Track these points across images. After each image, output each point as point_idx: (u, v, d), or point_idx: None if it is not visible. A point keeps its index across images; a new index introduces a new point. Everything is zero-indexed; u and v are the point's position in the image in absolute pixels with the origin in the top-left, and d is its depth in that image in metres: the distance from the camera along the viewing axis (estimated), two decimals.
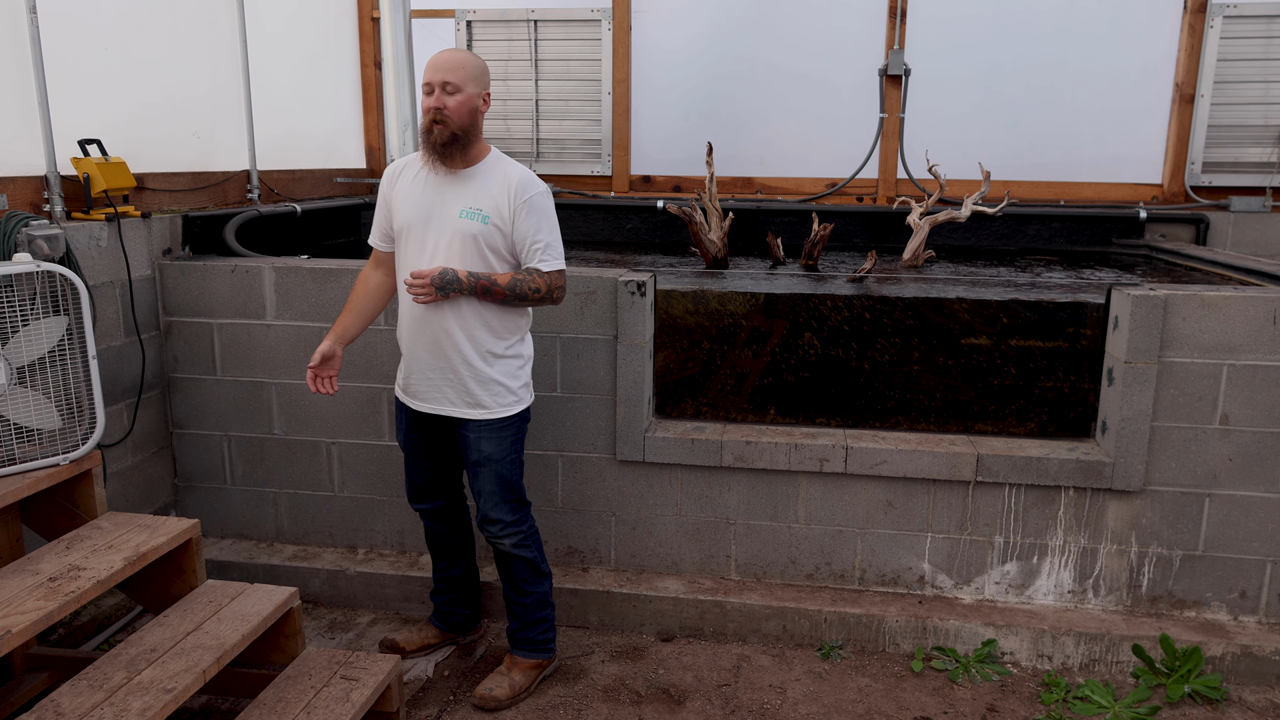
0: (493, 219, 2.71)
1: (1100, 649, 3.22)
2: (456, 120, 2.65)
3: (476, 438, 2.86)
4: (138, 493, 3.60)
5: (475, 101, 2.69)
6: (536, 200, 2.73)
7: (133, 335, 3.50)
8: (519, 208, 2.71)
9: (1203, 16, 5.04)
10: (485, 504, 2.92)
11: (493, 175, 2.74)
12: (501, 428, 2.86)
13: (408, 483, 3.12)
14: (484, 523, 2.94)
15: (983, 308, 3.43)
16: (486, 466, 2.87)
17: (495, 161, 2.78)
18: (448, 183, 2.74)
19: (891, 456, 3.33)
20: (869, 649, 3.34)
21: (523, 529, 2.96)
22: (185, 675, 2.35)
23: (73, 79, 3.45)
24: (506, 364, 2.84)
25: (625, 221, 5.56)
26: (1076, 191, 5.35)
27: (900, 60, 5.29)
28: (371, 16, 5.73)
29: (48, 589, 2.39)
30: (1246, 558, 3.26)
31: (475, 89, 2.69)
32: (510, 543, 2.95)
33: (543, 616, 3.06)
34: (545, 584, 3.05)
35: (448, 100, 2.64)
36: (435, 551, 3.22)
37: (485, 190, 2.73)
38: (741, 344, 3.56)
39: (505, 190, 2.72)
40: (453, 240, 2.72)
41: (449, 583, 3.26)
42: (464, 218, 2.71)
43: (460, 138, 2.67)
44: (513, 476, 2.92)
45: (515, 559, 2.97)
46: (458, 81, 2.64)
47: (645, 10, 5.54)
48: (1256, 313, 3.11)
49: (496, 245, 2.74)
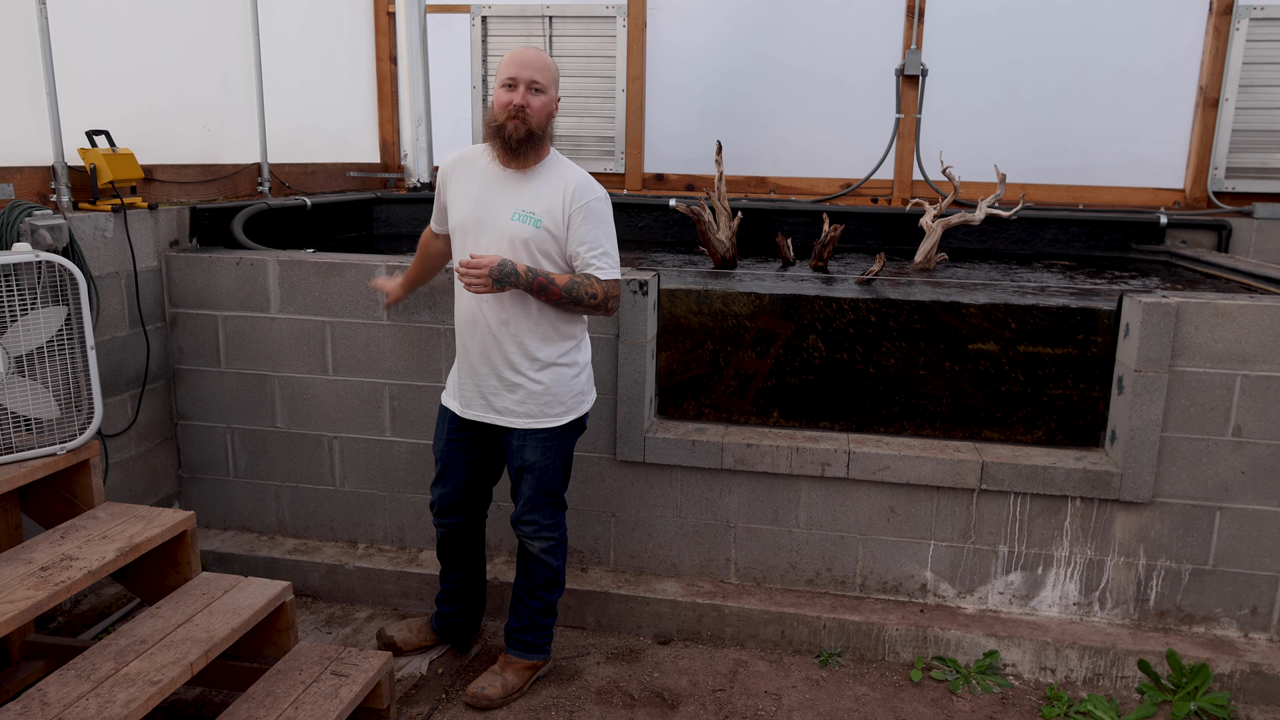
0: (545, 223, 2.65)
1: (1105, 663, 3.16)
2: (536, 120, 2.61)
3: (520, 445, 2.82)
4: (141, 483, 3.61)
5: (554, 105, 2.68)
6: (594, 206, 2.67)
7: (138, 326, 3.52)
8: (575, 212, 2.65)
9: (1228, 19, 4.94)
10: (523, 505, 2.89)
11: (550, 178, 2.68)
12: (547, 437, 2.81)
13: (438, 493, 3.01)
14: (519, 521, 2.91)
15: (991, 312, 3.37)
16: (530, 473, 2.84)
17: (554, 163, 2.72)
18: (504, 182, 2.69)
19: (895, 462, 3.28)
20: (868, 657, 3.30)
21: (555, 535, 2.92)
22: (172, 668, 2.35)
23: (85, 71, 3.47)
24: (558, 372, 2.78)
25: (638, 219, 5.53)
26: (1095, 195, 5.26)
27: (917, 60, 5.22)
28: (387, 11, 5.74)
29: (39, 578, 2.40)
30: (1258, 573, 3.19)
31: (555, 92, 2.68)
32: (540, 546, 2.91)
33: (546, 623, 3.03)
34: (557, 594, 3.02)
35: (532, 99, 2.60)
36: (450, 563, 3.14)
37: (540, 193, 2.67)
38: (746, 345, 3.52)
39: (561, 194, 2.65)
40: (501, 242, 2.66)
41: (459, 594, 3.19)
42: (516, 220, 2.65)
43: (536, 137, 2.63)
44: (554, 484, 2.88)
45: (540, 563, 2.93)
46: (544, 82, 2.62)
47: (660, 7, 5.51)
48: (1272, 322, 3.03)
49: (549, 250, 2.68)
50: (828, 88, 5.41)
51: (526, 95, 2.60)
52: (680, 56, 5.54)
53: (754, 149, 5.53)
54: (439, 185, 2.87)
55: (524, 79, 2.60)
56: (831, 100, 5.42)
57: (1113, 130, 5.17)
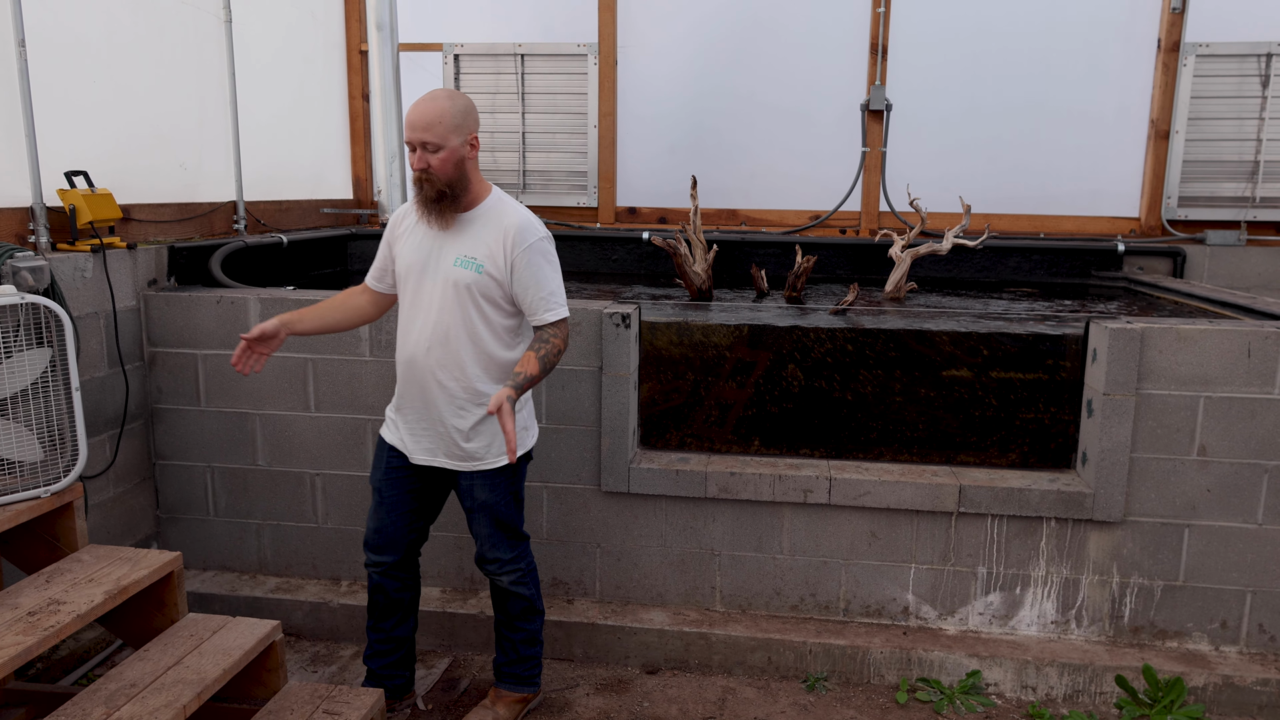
0: (487, 267, 2.62)
1: (1084, 680, 3.23)
2: (443, 178, 2.56)
3: (469, 485, 2.79)
4: (119, 524, 3.57)
5: (461, 152, 2.57)
6: (537, 247, 2.64)
7: (116, 366, 3.49)
8: (518, 257, 2.62)
9: (1176, 55, 5.16)
10: (483, 545, 2.86)
11: (489, 220, 2.65)
12: (495, 474, 2.78)
13: (371, 527, 2.89)
14: (482, 560, 2.88)
15: (964, 340, 3.47)
16: (483, 512, 2.81)
17: (495, 204, 2.68)
18: (441, 229, 2.66)
19: (875, 488, 3.35)
20: (854, 680, 3.34)
21: (521, 565, 2.90)
22: (165, 711, 2.32)
23: (59, 111, 3.47)
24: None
25: (611, 253, 5.60)
26: (1056, 225, 5.43)
27: (882, 95, 5.38)
28: (360, 49, 5.79)
29: (26, 623, 2.36)
30: (1226, 588, 3.29)
31: (458, 139, 2.56)
32: (508, 580, 2.89)
33: (532, 653, 3.02)
34: (538, 621, 3.00)
35: (430, 159, 2.54)
36: (382, 611, 2.96)
37: (480, 237, 2.64)
38: (726, 375, 3.58)
39: (502, 238, 2.62)
40: (445, 289, 2.63)
41: (395, 643, 3.01)
42: (458, 265, 2.62)
43: (448, 193, 2.58)
44: (510, 518, 2.85)
45: (512, 595, 2.92)
46: (437, 140, 2.52)
47: (630, 45, 5.62)
48: (1232, 345, 3.16)
49: (492, 295, 2.65)
50: (795, 122, 5.55)
51: (425, 156, 2.54)
52: (651, 92, 5.65)
53: (724, 182, 5.65)
54: (387, 238, 2.81)
55: (416, 141, 2.54)
56: (799, 135, 5.55)
57: (1070, 164, 5.37)
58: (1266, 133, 5.13)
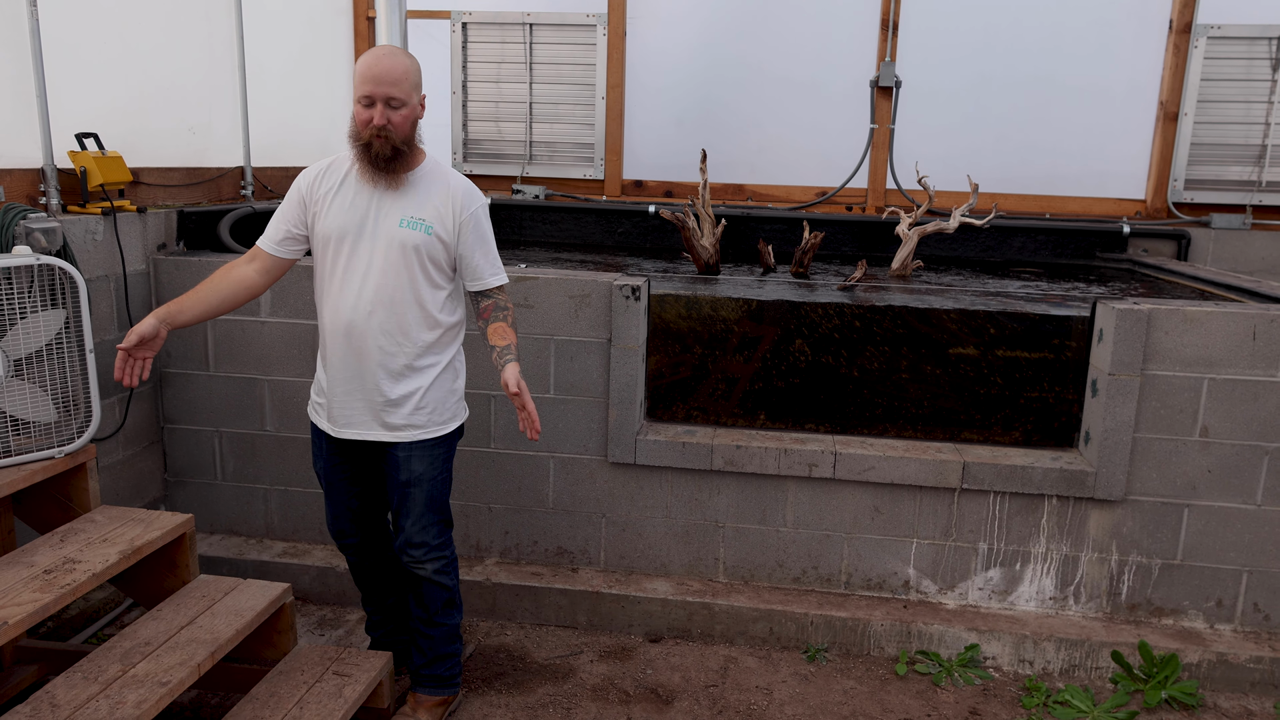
0: (435, 229, 2.57)
1: (1080, 655, 3.28)
2: (400, 135, 2.50)
3: (407, 456, 2.69)
4: (128, 487, 3.59)
5: (417, 111, 2.55)
6: (481, 213, 2.64)
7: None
8: (465, 221, 2.60)
9: (1187, 37, 5.14)
10: (411, 526, 2.74)
11: (433, 184, 2.60)
12: (434, 445, 2.71)
13: (329, 515, 2.88)
14: (406, 546, 2.75)
15: (970, 318, 3.49)
16: (418, 487, 2.71)
17: (433, 167, 2.64)
18: (384, 190, 2.58)
19: (879, 463, 3.38)
20: (854, 652, 3.39)
21: (445, 554, 2.81)
22: (180, 669, 2.36)
23: (69, 72, 3.45)
24: (441, 380, 2.69)
25: (617, 225, 5.59)
26: (1062, 205, 5.43)
27: (891, 72, 5.35)
28: (367, 16, 5.74)
29: (43, 581, 2.39)
30: (1223, 567, 3.34)
31: (416, 98, 2.54)
32: (432, 568, 2.78)
33: (451, 651, 2.91)
34: (457, 616, 2.89)
35: (392, 115, 2.47)
36: (368, 584, 3.00)
37: (427, 200, 2.58)
38: (733, 349, 3.60)
39: (450, 201, 2.59)
40: (390, 250, 2.55)
41: (389, 613, 3.05)
42: (405, 227, 2.55)
43: (404, 151, 2.53)
44: (443, 496, 2.78)
45: (434, 585, 2.80)
46: (402, 96, 2.47)
47: (640, 15, 5.58)
48: (1237, 328, 3.18)
49: (437, 257, 2.60)
50: (804, 96, 5.52)
51: (386, 113, 2.46)
52: (660, 64, 5.62)
53: (731, 156, 5.63)
54: (297, 195, 2.65)
55: (380, 95, 2.45)
56: (808, 109, 5.53)
57: (1078, 143, 5.35)
58: (1275, 116, 5.12)
